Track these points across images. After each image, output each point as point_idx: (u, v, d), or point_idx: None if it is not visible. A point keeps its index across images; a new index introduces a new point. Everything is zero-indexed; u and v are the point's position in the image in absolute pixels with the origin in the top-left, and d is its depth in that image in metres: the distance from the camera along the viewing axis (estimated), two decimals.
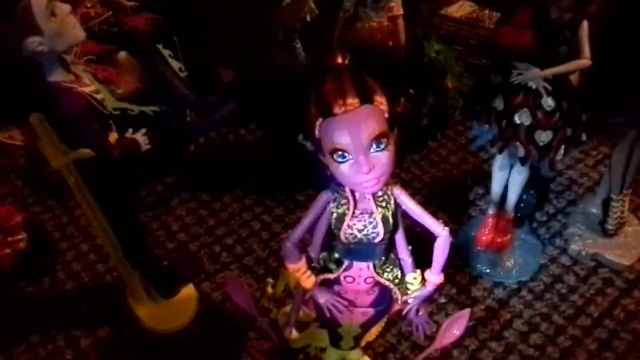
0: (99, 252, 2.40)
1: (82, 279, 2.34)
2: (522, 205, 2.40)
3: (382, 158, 1.21)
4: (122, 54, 2.40)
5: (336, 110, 1.18)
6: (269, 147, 2.82)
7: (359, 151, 1.19)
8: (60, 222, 2.56)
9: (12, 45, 1.44)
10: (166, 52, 2.49)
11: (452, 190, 2.64)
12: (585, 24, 1.83)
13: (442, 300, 2.21)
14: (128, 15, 2.43)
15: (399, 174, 2.62)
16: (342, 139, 1.18)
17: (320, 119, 1.20)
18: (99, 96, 1.59)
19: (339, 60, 1.26)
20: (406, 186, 2.58)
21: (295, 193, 2.59)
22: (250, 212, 2.58)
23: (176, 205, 2.62)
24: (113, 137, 1.67)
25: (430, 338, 1.73)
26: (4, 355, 2.10)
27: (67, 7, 1.51)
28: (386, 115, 1.23)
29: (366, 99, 1.19)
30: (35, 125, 1.54)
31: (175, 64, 2.50)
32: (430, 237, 1.44)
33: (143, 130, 1.75)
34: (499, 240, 2.29)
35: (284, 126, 2.57)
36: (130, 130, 1.74)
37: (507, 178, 2.20)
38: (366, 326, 1.63)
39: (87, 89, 1.55)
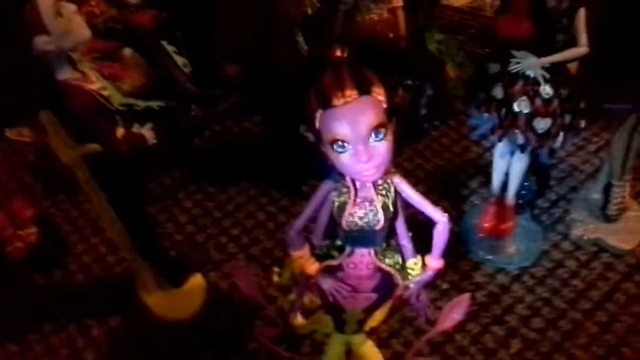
0: (108, 244, 2.46)
1: (93, 271, 2.39)
2: (523, 192, 2.43)
3: (381, 147, 1.25)
4: (127, 51, 2.44)
5: (335, 101, 1.22)
6: (273, 139, 2.86)
7: (358, 141, 1.23)
8: (70, 215, 2.61)
9: (21, 44, 1.49)
10: (171, 49, 2.53)
11: (454, 179, 2.67)
12: (582, 12, 1.86)
13: (445, 286, 2.25)
14: (132, 12, 2.47)
15: (402, 164, 2.67)
16: (342, 129, 1.22)
17: (320, 111, 1.24)
18: (105, 93, 1.64)
19: (338, 53, 1.30)
20: (409, 175, 2.63)
21: (300, 184, 2.63)
22: (256, 203, 2.62)
23: (183, 198, 2.66)
24: (120, 132, 1.71)
25: (433, 322, 1.78)
26: (18, 345, 2.15)
27: (72, 7, 1.56)
28: (384, 105, 1.27)
29: (364, 90, 1.23)
30: (45, 122, 1.59)
31: (180, 60, 2.55)
32: (431, 225, 1.48)
33: (149, 125, 1.80)
34: (500, 227, 2.33)
35: (287, 118, 2.61)
36: (137, 125, 1.78)
37: (508, 166, 2.24)
38: (369, 311, 1.67)
39: (93, 86, 1.61)
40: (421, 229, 1.53)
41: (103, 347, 2.14)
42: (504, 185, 2.30)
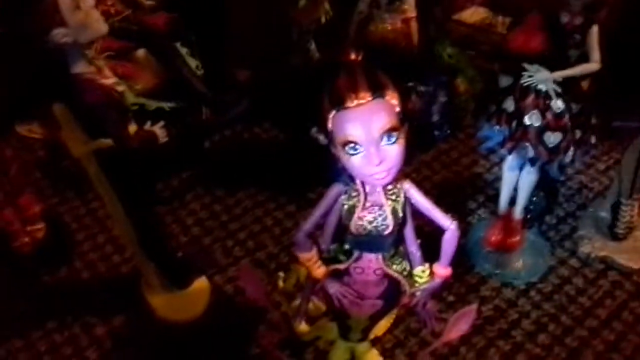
0: (115, 244, 2.46)
1: (98, 269, 2.40)
2: (531, 207, 2.42)
3: (393, 151, 1.25)
4: (141, 52, 2.46)
5: (349, 103, 1.22)
6: (282, 145, 2.87)
7: (370, 143, 1.23)
8: (77, 213, 2.61)
9: (38, 37, 1.50)
10: (184, 50, 2.54)
11: (462, 192, 2.67)
12: (595, 29, 1.86)
13: (451, 298, 2.24)
14: (147, 13, 2.49)
15: (409, 175, 2.67)
16: (354, 131, 1.23)
17: (333, 112, 1.25)
18: (119, 88, 1.65)
19: (353, 56, 1.30)
20: (416, 187, 2.62)
21: (307, 191, 2.62)
22: (263, 208, 2.62)
23: (191, 200, 2.66)
24: (132, 128, 1.72)
25: (438, 333, 1.77)
26: (22, 341, 2.15)
27: (91, 1, 1.57)
28: (397, 109, 1.27)
29: (378, 93, 1.23)
30: (58, 115, 1.60)
31: (193, 62, 2.56)
32: (439, 233, 1.47)
33: (161, 123, 1.82)
34: (508, 241, 2.32)
35: (297, 125, 2.62)
36: (149, 122, 1.79)
37: (517, 179, 2.23)
38: (375, 318, 1.67)
39: (108, 81, 1.61)
40: (430, 239, 1.52)
41: (106, 346, 2.13)
42: (512, 200, 2.29)
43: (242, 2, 2.83)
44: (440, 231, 1.47)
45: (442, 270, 1.51)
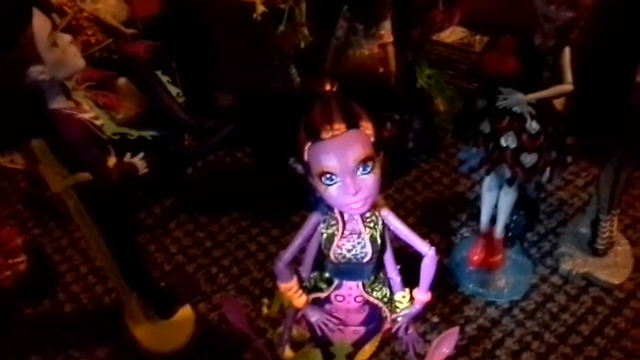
0: (97, 274, 2.44)
1: (81, 301, 2.38)
2: (512, 225, 2.45)
3: (368, 180, 1.27)
4: (122, 80, 2.47)
5: (324, 135, 1.24)
6: (265, 169, 2.88)
7: (345, 174, 1.25)
8: (59, 244, 2.60)
9: (16, 74, 1.50)
10: (165, 78, 2.56)
11: (444, 211, 2.69)
12: (567, 51, 1.90)
13: (435, 319, 2.24)
14: (128, 42, 2.51)
15: (392, 195, 2.69)
16: (330, 162, 1.25)
17: (309, 143, 1.27)
18: (98, 122, 1.65)
19: (328, 87, 1.33)
20: (399, 207, 2.65)
21: (291, 214, 2.63)
22: (247, 233, 2.63)
23: (174, 228, 2.66)
24: (111, 161, 1.72)
25: (422, 356, 1.77)
26: None
27: (68, 37, 1.57)
28: (372, 139, 1.29)
29: (352, 124, 1.26)
30: (37, 151, 1.60)
31: (174, 90, 2.58)
32: (419, 257, 1.49)
33: (140, 155, 1.81)
34: (490, 260, 2.34)
35: (280, 148, 2.63)
36: (129, 154, 1.79)
37: (496, 199, 2.26)
38: (358, 344, 1.67)
39: (86, 116, 1.62)
40: (410, 260, 1.53)
41: None
42: (493, 218, 2.32)
43: (223, 29, 2.86)
44: (419, 254, 1.48)
45: (422, 295, 1.52)
